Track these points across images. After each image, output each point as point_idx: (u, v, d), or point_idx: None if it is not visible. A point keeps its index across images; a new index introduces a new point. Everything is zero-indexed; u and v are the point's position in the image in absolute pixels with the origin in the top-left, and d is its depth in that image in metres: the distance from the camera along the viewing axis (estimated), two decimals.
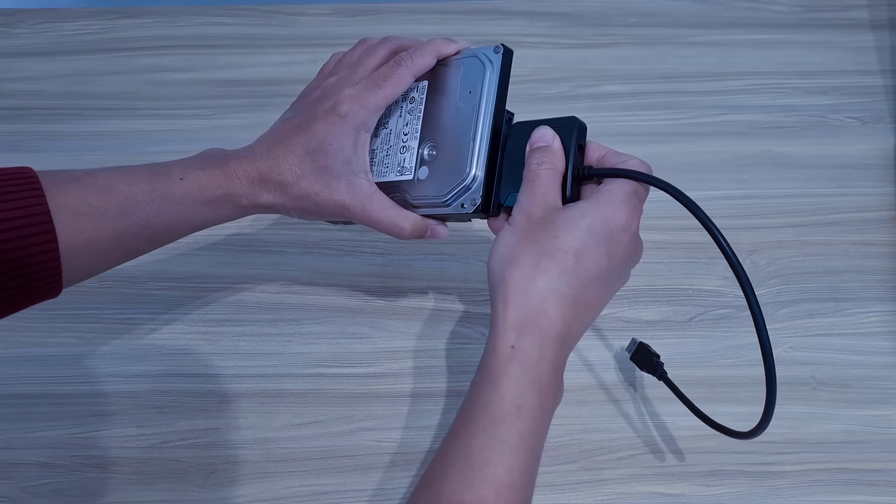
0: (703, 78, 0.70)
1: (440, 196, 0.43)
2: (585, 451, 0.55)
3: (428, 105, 0.45)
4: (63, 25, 0.74)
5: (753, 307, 0.38)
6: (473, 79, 0.43)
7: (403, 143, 0.45)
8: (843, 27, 0.73)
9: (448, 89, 0.44)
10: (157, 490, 0.53)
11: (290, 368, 0.58)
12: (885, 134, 0.67)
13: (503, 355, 0.37)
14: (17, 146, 0.68)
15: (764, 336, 0.38)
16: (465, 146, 0.42)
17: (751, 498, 0.53)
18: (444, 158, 0.43)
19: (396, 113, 0.46)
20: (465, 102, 0.43)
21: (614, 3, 0.75)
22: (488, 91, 0.42)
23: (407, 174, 0.45)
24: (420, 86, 0.46)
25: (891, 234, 0.63)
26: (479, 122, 0.42)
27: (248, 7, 0.75)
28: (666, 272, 0.61)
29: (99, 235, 0.41)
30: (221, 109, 0.69)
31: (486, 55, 0.43)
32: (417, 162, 0.44)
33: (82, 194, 0.41)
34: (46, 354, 0.58)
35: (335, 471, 0.54)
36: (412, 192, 0.44)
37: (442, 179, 0.43)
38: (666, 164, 0.66)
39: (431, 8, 0.74)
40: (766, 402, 0.41)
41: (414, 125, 0.45)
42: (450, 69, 0.45)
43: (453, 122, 0.43)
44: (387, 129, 0.46)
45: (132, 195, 0.42)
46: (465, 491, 0.35)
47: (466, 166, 0.42)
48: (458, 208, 0.42)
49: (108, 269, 0.44)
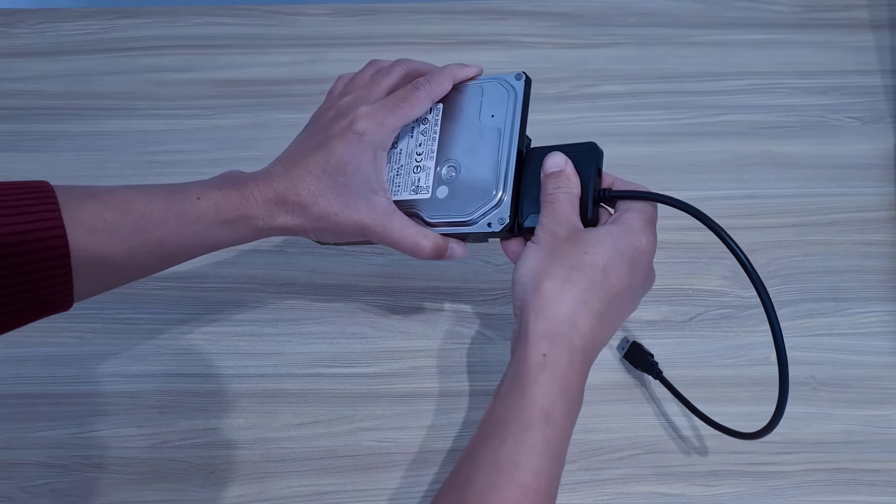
0: (703, 78, 0.70)
1: (464, 214, 0.44)
2: (585, 451, 0.55)
3: (444, 126, 0.46)
4: (63, 25, 0.74)
5: (776, 331, 0.41)
6: (496, 103, 0.45)
7: (417, 163, 0.46)
8: (843, 27, 0.73)
9: (467, 112, 0.46)
10: (157, 490, 0.53)
11: (290, 368, 0.58)
12: (885, 134, 0.67)
13: (534, 364, 0.38)
14: (16, 146, 0.68)
15: (780, 347, 0.40)
16: (492, 167, 0.43)
17: (751, 498, 0.53)
18: (467, 178, 0.44)
19: (407, 134, 0.47)
20: (488, 125, 0.44)
21: (614, 3, 0.75)
22: (513, 115, 0.44)
23: (423, 193, 0.45)
24: (435, 108, 0.47)
25: (891, 234, 0.63)
26: (505, 144, 0.44)
27: (248, 7, 0.75)
28: (666, 272, 0.61)
29: (113, 252, 0.41)
30: (221, 109, 0.69)
31: (509, 81, 0.45)
32: (435, 181, 0.45)
33: (98, 210, 0.41)
34: (46, 354, 0.58)
35: (335, 471, 0.54)
36: (430, 211, 0.45)
37: (466, 198, 0.44)
38: (666, 164, 0.66)
39: (431, 8, 0.74)
40: (778, 404, 0.41)
41: (429, 145, 0.46)
42: (468, 92, 0.46)
43: (476, 143, 0.44)
44: (396, 150, 0.47)
45: (148, 213, 0.42)
46: (491, 493, 0.36)
47: (494, 187, 0.43)
48: (484, 227, 0.43)
49: (120, 284, 0.45)
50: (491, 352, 0.59)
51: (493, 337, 0.59)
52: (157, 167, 0.65)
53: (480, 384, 0.57)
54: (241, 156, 0.66)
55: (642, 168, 0.66)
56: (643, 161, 0.66)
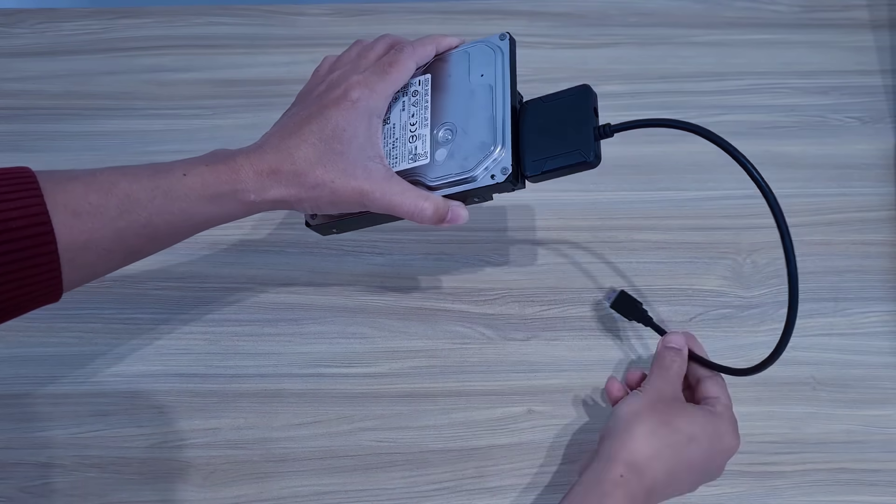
0: (703, 78, 0.70)
1: (466, 171, 0.44)
2: (585, 452, 0.55)
3: (435, 94, 0.47)
4: (63, 25, 0.74)
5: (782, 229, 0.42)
6: (484, 63, 0.46)
7: (412, 133, 0.46)
8: (843, 27, 0.73)
9: (456, 76, 0.47)
10: (157, 490, 0.53)
11: (290, 368, 0.58)
12: (885, 134, 0.67)
13: (612, 481, 0.43)
14: (16, 146, 0.68)
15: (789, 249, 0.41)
16: (489, 122, 0.44)
17: (751, 498, 0.53)
18: (465, 137, 0.45)
19: (398, 107, 0.47)
20: (479, 85, 0.46)
21: (614, 3, 0.75)
22: (503, 72, 0.45)
23: (422, 159, 0.46)
24: (423, 79, 0.47)
25: (891, 234, 0.63)
26: (499, 99, 0.45)
27: (248, 7, 0.75)
28: (666, 272, 0.61)
29: (100, 235, 0.40)
30: (221, 109, 0.69)
31: (494, 42, 0.46)
32: (433, 145, 0.46)
33: (82, 192, 0.40)
34: (46, 354, 0.58)
35: (335, 471, 0.54)
36: (431, 174, 0.45)
37: (466, 156, 0.44)
38: (666, 164, 0.66)
39: (431, 8, 0.74)
40: (785, 330, 0.43)
41: (422, 114, 0.46)
42: (454, 59, 0.47)
43: (469, 103, 0.45)
44: (389, 124, 0.47)
45: (133, 192, 0.41)
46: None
47: (493, 140, 0.44)
48: (488, 179, 0.44)
49: (109, 271, 0.44)
50: (491, 352, 0.59)
51: (493, 337, 0.59)
52: None
53: (480, 384, 0.58)
54: None
55: (642, 168, 0.66)
56: (643, 161, 0.66)
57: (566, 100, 0.45)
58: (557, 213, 0.63)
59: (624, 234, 0.62)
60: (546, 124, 0.45)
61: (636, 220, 0.63)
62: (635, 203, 0.64)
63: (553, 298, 0.60)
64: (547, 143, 0.44)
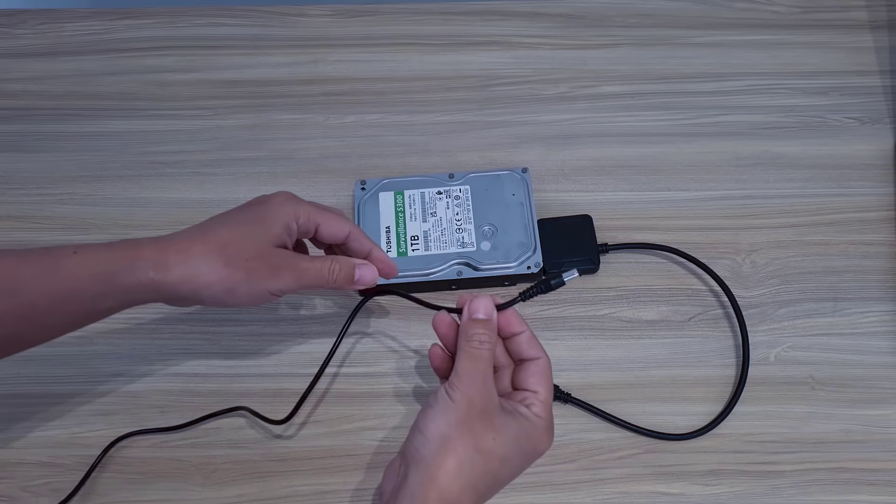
0: (703, 78, 0.70)
1: (509, 260, 0.58)
2: (584, 451, 0.55)
3: (475, 201, 0.61)
4: (64, 26, 0.74)
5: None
6: (514, 186, 0.62)
7: (458, 226, 0.60)
8: (843, 27, 0.73)
9: (492, 191, 0.62)
10: (157, 490, 0.54)
11: (290, 368, 0.58)
12: (885, 134, 0.67)
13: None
14: (18, 147, 0.68)
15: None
16: (524, 229, 0.60)
17: (750, 498, 0.53)
18: (506, 236, 0.60)
19: (443, 206, 0.61)
20: (512, 201, 0.61)
21: (614, 4, 0.75)
22: (528, 196, 0.61)
23: (470, 247, 0.59)
24: (463, 188, 0.62)
25: (890, 234, 0.63)
26: (529, 214, 0.61)
27: (249, 8, 0.75)
28: (666, 272, 0.61)
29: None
30: (222, 110, 0.69)
31: (518, 174, 0.62)
32: (478, 238, 0.59)
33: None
34: (47, 354, 0.58)
35: (335, 470, 0.54)
36: (479, 259, 0.59)
37: (508, 250, 0.59)
38: (666, 164, 0.66)
39: (432, 9, 0.75)
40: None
41: (466, 214, 0.61)
42: (488, 180, 0.62)
43: (506, 212, 0.61)
44: (436, 217, 0.61)
45: (17, 271, 0.39)
46: None
47: (530, 242, 0.59)
48: (524, 269, 0.58)
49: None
50: None
51: None
52: (159, 167, 0.66)
53: None
54: (242, 156, 0.66)
55: (642, 168, 0.66)
56: (643, 161, 0.66)
57: (571, 221, 0.61)
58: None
59: (624, 234, 0.63)
60: (558, 238, 0.60)
61: (636, 220, 0.63)
62: (635, 203, 0.64)
63: (553, 298, 0.60)
64: (561, 250, 0.60)
